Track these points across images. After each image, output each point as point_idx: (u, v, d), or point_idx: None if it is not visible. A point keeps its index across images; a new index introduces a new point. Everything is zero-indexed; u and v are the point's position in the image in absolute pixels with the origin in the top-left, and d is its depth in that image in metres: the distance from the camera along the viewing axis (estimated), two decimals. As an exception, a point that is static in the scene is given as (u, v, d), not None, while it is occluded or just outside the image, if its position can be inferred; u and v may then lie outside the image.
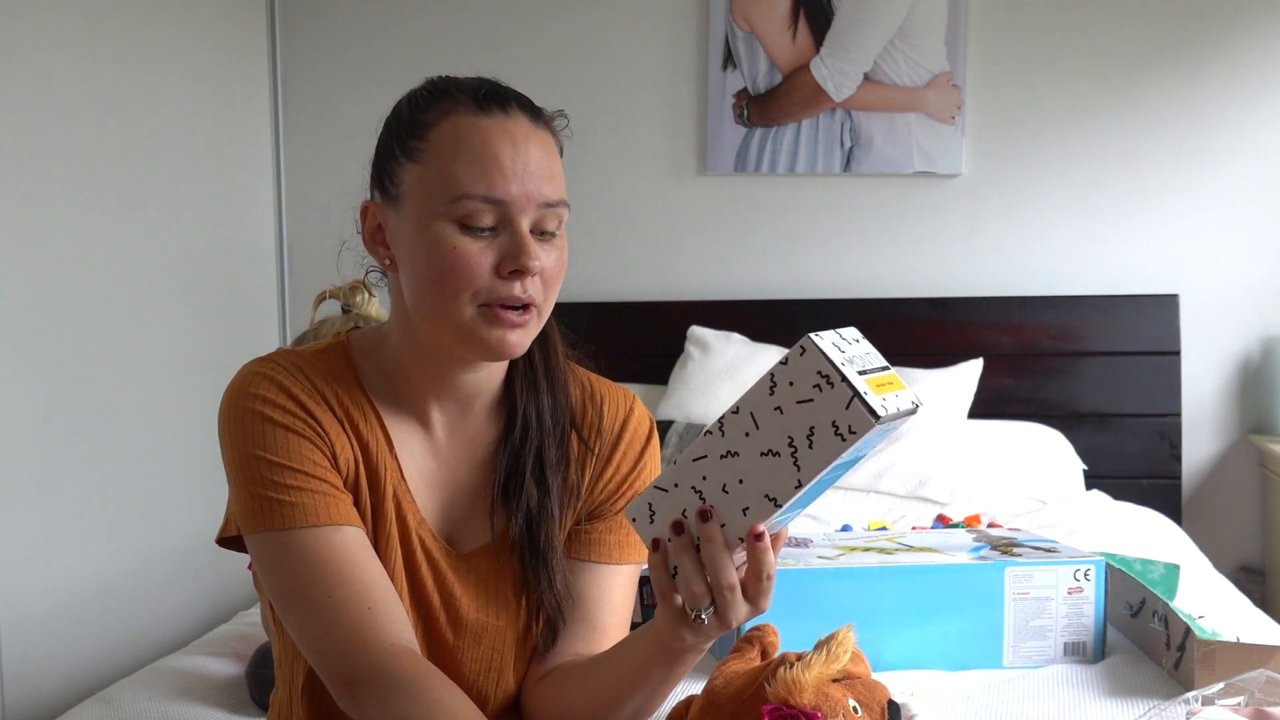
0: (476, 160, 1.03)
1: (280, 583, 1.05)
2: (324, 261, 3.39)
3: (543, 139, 1.06)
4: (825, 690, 1.22)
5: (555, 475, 1.15)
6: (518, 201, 1.03)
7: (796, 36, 3.11)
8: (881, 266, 3.16)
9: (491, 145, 1.03)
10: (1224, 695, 1.23)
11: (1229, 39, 3.00)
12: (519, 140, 1.04)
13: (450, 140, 1.04)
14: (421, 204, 1.04)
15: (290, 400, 1.07)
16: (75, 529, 2.42)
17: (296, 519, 1.03)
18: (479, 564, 1.15)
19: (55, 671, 2.33)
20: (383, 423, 1.12)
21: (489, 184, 1.02)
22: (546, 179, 1.05)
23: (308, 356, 1.12)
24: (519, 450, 1.15)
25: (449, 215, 1.03)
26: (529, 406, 1.15)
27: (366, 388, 1.13)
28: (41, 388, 2.34)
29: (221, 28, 3.05)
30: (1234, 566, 3.01)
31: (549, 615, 1.15)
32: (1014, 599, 1.56)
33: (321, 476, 1.06)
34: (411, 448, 1.14)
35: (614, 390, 1.24)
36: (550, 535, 1.14)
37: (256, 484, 1.05)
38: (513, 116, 1.05)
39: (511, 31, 3.22)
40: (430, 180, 1.04)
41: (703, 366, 2.91)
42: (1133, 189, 3.06)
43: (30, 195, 2.31)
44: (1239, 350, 3.05)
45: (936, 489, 2.62)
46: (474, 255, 1.02)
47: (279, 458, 1.05)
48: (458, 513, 1.16)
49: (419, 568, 1.13)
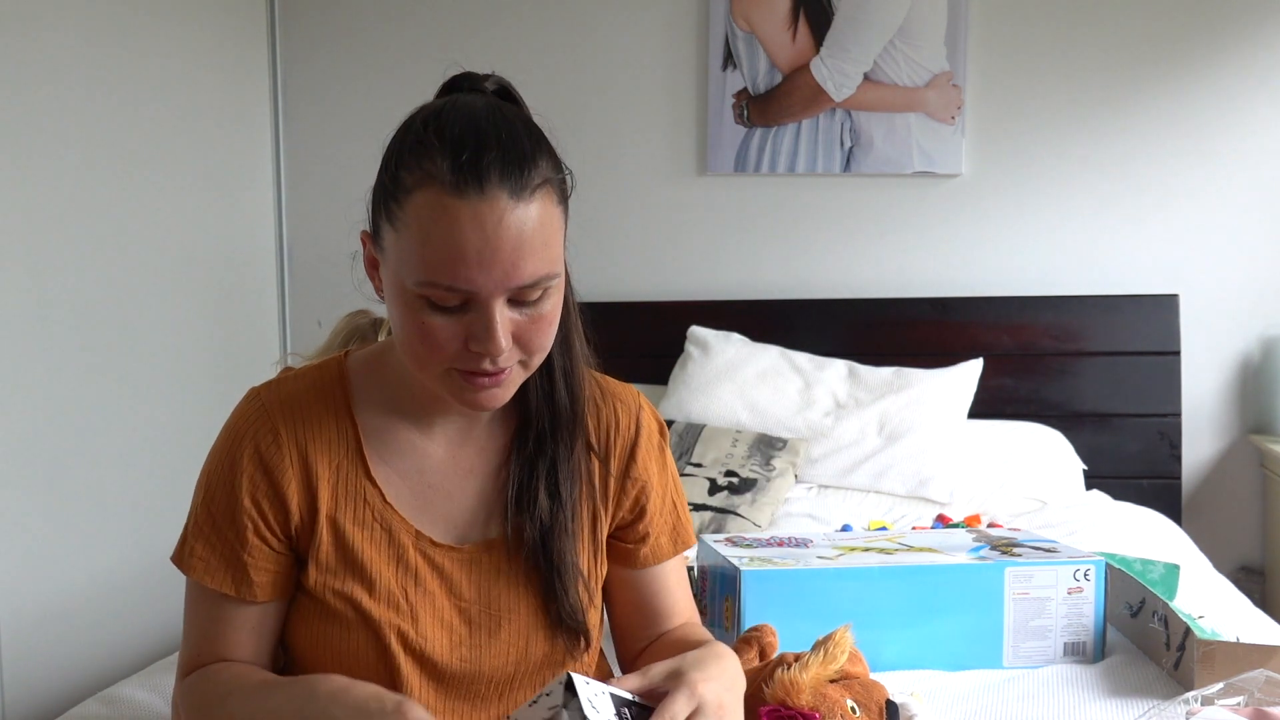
0: (443, 249, 0.98)
1: (188, 596, 1.17)
2: (324, 261, 3.41)
3: (525, 214, 0.98)
4: (823, 691, 1.22)
5: (569, 488, 1.15)
6: (484, 290, 0.98)
7: (796, 36, 3.11)
8: (881, 266, 3.16)
9: (458, 235, 0.97)
10: (1224, 695, 1.23)
11: (1229, 39, 3.00)
12: (490, 227, 0.97)
13: (423, 219, 0.98)
14: (396, 272, 1.01)
15: (260, 461, 1.11)
16: (76, 529, 2.42)
17: (199, 573, 1.13)
18: (489, 558, 1.15)
19: (55, 671, 2.33)
20: (361, 447, 1.13)
21: (453, 275, 0.98)
22: (527, 257, 0.98)
23: (302, 386, 1.15)
24: (533, 460, 1.15)
25: (417, 296, 1.00)
26: (543, 415, 1.15)
27: (356, 409, 1.14)
28: (42, 388, 2.34)
29: (221, 27, 3.05)
30: (1234, 566, 3.01)
31: (569, 622, 1.15)
32: (1014, 599, 1.56)
33: (250, 543, 1.11)
34: (405, 460, 1.14)
35: (622, 391, 1.23)
36: (563, 548, 1.14)
37: (195, 517, 1.14)
38: (488, 197, 0.97)
39: (511, 31, 3.22)
40: (404, 254, 1.00)
41: (702, 366, 2.91)
42: (1133, 189, 3.06)
43: (29, 195, 2.31)
44: (1239, 350, 3.05)
45: (936, 489, 2.62)
46: (441, 332, 1.01)
47: (220, 510, 1.12)
48: (465, 514, 1.15)
49: (413, 568, 1.13)
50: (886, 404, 2.76)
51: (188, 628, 1.17)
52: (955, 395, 2.80)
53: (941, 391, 2.79)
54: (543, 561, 1.14)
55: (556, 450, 1.15)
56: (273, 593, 1.13)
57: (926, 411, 2.73)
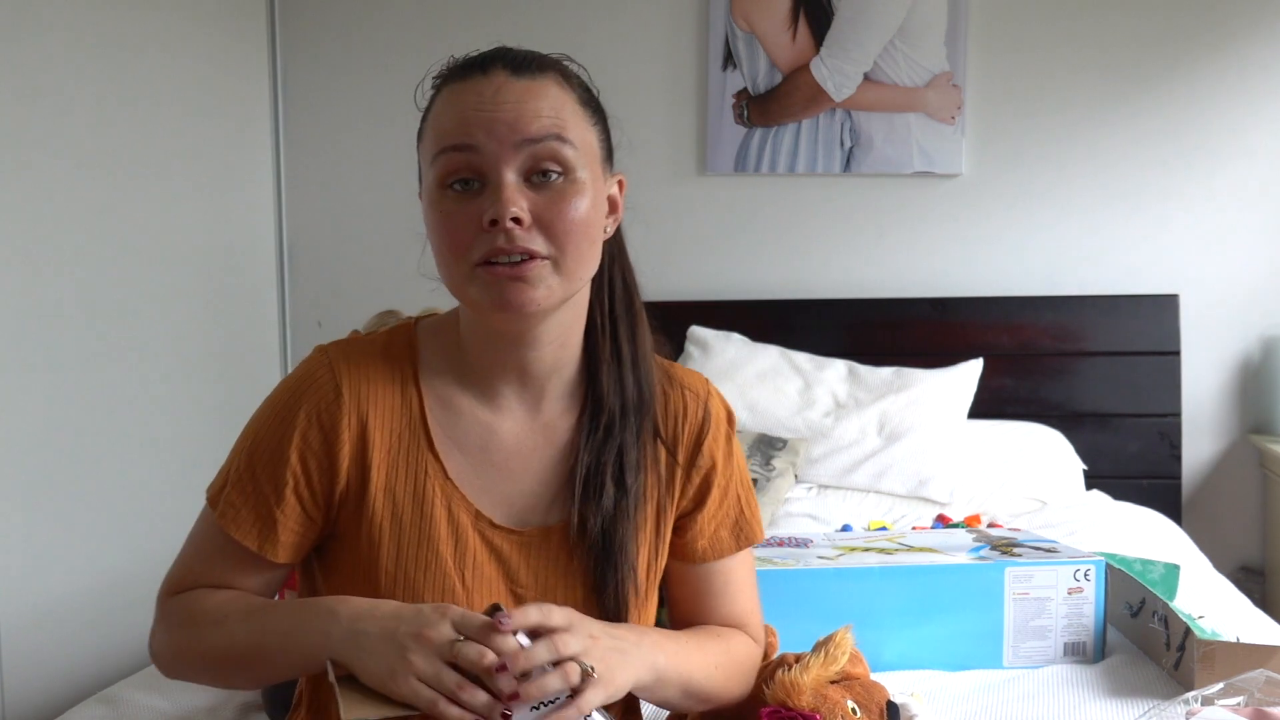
0: (449, 117, 1.03)
1: (194, 529, 1.14)
2: (324, 261, 3.41)
3: (525, 85, 1.03)
4: (823, 692, 1.22)
5: (635, 477, 1.13)
6: (488, 146, 1.01)
7: (796, 36, 3.11)
8: (881, 266, 3.16)
9: (461, 100, 1.03)
10: (1224, 695, 1.23)
11: (1229, 39, 3.00)
12: (488, 91, 1.03)
13: (436, 111, 1.06)
14: (425, 179, 1.06)
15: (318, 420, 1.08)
16: (76, 529, 2.42)
17: (227, 520, 1.09)
18: (547, 544, 1.12)
19: (55, 671, 2.33)
20: (425, 418, 1.11)
21: (456, 133, 1.02)
22: (530, 117, 1.02)
23: (372, 349, 1.13)
24: (601, 448, 1.12)
25: (436, 181, 1.04)
26: (613, 400, 1.13)
27: (423, 379, 1.12)
28: (42, 388, 2.34)
29: (221, 27, 3.05)
30: (1234, 566, 3.01)
31: (612, 619, 1.11)
32: (1014, 599, 1.56)
33: (286, 499, 1.08)
34: (469, 436, 1.12)
35: (690, 379, 1.21)
36: (624, 539, 1.11)
37: (235, 463, 1.11)
38: (490, 74, 1.04)
39: (511, 31, 3.22)
40: (425, 152, 1.06)
41: (702, 366, 2.91)
42: (1133, 189, 3.06)
43: (29, 195, 2.31)
44: (1239, 350, 3.05)
45: (936, 489, 2.62)
46: (458, 213, 1.02)
47: (263, 462, 1.09)
48: (526, 498, 1.13)
49: (471, 549, 1.10)
50: (886, 404, 2.76)
51: (190, 548, 1.14)
52: (955, 395, 2.80)
53: (941, 391, 2.79)
54: (601, 552, 1.11)
55: (625, 437, 1.13)
56: (292, 555, 1.10)
57: (926, 411, 2.73)
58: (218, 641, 1.07)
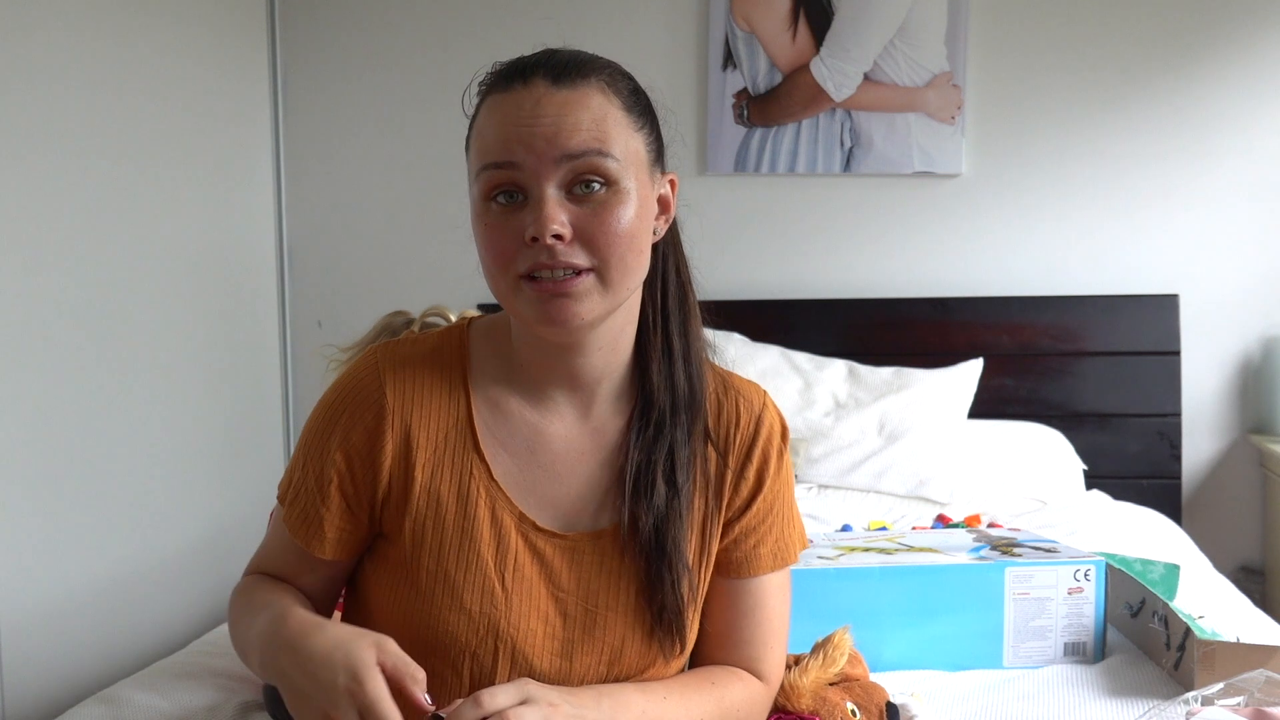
0: (491, 131, 1.03)
1: (274, 515, 1.20)
2: (324, 261, 3.41)
3: (565, 96, 1.02)
4: (823, 694, 1.22)
5: (685, 475, 1.11)
6: (527, 162, 1.01)
7: (796, 36, 3.11)
8: (881, 266, 3.16)
9: (502, 113, 1.03)
10: (1224, 695, 1.23)
11: (1229, 39, 3.00)
12: (528, 104, 1.02)
13: (479, 124, 1.06)
14: (471, 190, 1.06)
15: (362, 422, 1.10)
16: (75, 529, 2.42)
17: (291, 520, 1.13)
18: (596, 548, 1.11)
19: (55, 671, 2.33)
20: (472, 420, 1.11)
21: (497, 150, 1.02)
22: (570, 131, 1.01)
23: (422, 350, 1.13)
24: (651, 446, 1.11)
25: (481, 194, 1.04)
26: (663, 396, 1.12)
27: (472, 381, 1.12)
28: (41, 388, 2.34)
29: (221, 27, 3.05)
30: (1234, 566, 3.01)
31: (670, 619, 1.10)
32: (1014, 599, 1.56)
33: (330, 496, 1.11)
34: (516, 438, 1.11)
35: (746, 388, 1.20)
36: (677, 537, 1.10)
37: (293, 463, 1.15)
38: (530, 84, 1.03)
39: (511, 31, 3.22)
40: (470, 163, 1.06)
41: (703, 366, 2.90)
42: (1132, 189, 3.06)
43: (29, 195, 2.31)
44: (1239, 350, 3.05)
45: (936, 489, 2.62)
46: (501, 226, 1.02)
47: (312, 460, 1.12)
48: (574, 502, 1.12)
49: (513, 551, 1.09)
50: (886, 404, 2.76)
51: (266, 537, 1.20)
52: (955, 395, 2.80)
53: (941, 391, 2.79)
54: (654, 551, 1.09)
55: (675, 435, 1.11)
56: (337, 552, 1.11)
57: (926, 411, 2.73)
58: (242, 631, 1.11)
